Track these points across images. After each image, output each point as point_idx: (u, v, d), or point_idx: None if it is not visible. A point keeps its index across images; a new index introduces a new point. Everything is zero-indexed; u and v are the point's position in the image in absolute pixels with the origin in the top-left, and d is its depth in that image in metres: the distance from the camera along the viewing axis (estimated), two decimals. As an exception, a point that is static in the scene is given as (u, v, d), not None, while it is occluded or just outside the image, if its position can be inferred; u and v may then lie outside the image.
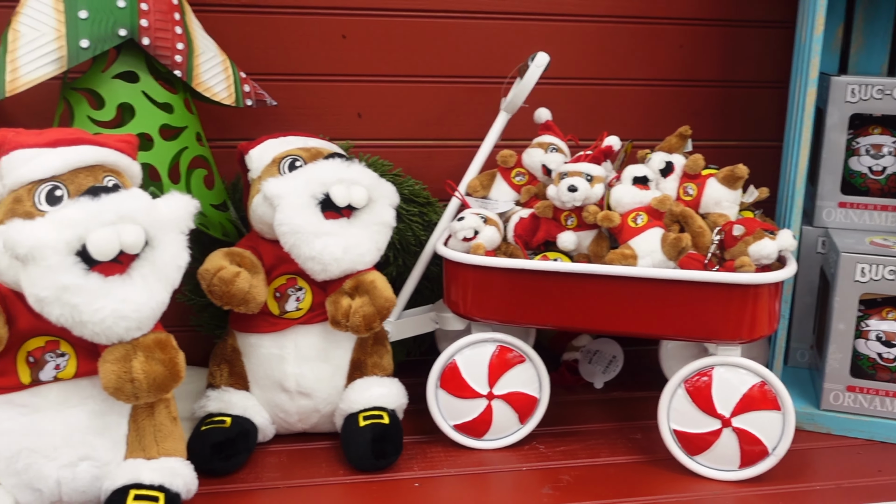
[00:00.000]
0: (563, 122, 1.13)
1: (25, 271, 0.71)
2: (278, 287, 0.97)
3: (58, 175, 0.77)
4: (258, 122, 1.17)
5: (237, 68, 1.04)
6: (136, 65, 0.96)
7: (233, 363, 0.99)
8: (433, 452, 0.99)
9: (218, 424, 0.93)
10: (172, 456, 0.83)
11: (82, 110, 0.95)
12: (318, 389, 0.97)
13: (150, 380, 0.75)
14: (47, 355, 0.78)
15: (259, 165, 0.98)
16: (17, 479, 0.78)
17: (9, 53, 0.89)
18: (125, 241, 0.73)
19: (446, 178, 1.18)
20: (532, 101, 1.06)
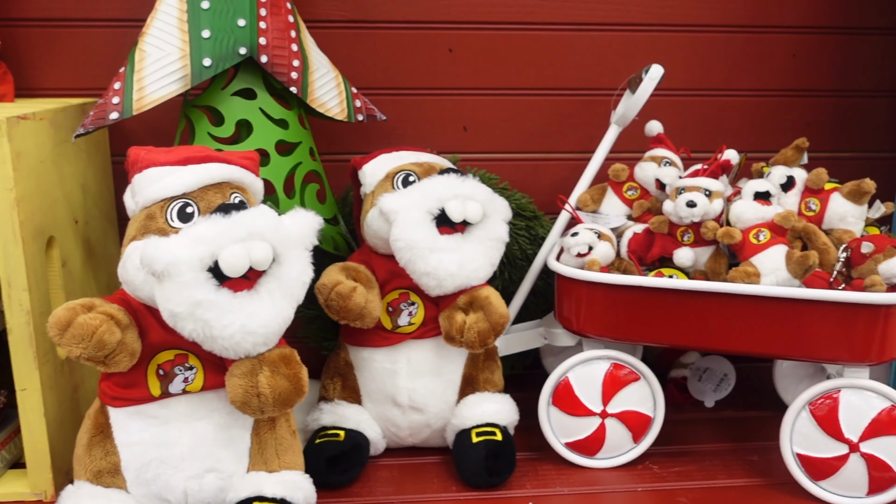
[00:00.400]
0: (671, 135, 1.10)
1: (160, 287, 0.72)
2: (391, 302, 0.97)
3: (188, 192, 0.79)
4: (364, 137, 1.18)
5: (349, 83, 1.05)
6: (253, 82, 0.97)
7: (346, 377, 0.99)
8: (544, 470, 0.98)
9: (332, 438, 0.94)
10: (292, 469, 0.84)
11: (203, 127, 0.97)
12: (430, 404, 0.97)
13: (275, 394, 0.76)
14: (176, 368, 0.80)
15: (372, 180, 0.98)
16: (146, 489, 0.80)
17: (136, 73, 0.92)
18: (254, 257, 0.74)
19: (552, 191, 1.17)
20: (639, 112, 1.04)
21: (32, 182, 0.87)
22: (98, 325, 0.74)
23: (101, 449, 0.80)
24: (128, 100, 0.91)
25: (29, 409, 0.88)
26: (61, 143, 0.96)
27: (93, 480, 0.80)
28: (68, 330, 0.73)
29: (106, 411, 0.82)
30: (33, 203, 0.87)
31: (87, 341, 0.73)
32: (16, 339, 0.86)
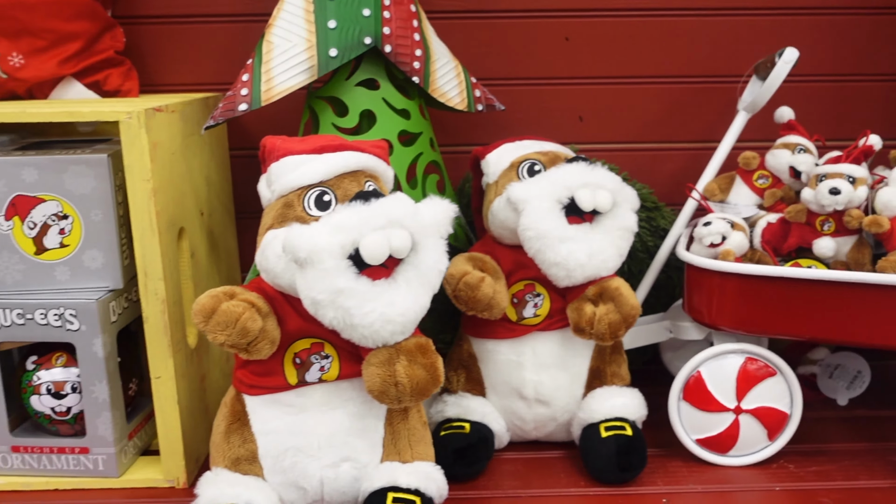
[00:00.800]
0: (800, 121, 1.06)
1: (302, 274, 0.72)
2: (516, 293, 0.95)
3: (325, 180, 0.79)
4: (477, 127, 1.17)
5: (468, 73, 1.04)
6: (376, 72, 0.97)
7: (470, 369, 0.98)
8: (674, 467, 0.95)
9: (457, 430, 0.93)
10: (425, 460, 0.84)
11: (327, 118, 0.97)
12: (556, 398, 0.95)
13: (413, 384, 0.75)
14: (312, 357, 0.80)
15: (496, 170, 0.97)
16: (282, 477, 0.80)
17: (263, 64, 0.92)
18: (394, 245, 0.73)
19: (672, 181, 1.14)
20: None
21: (166, 174, 0.89)
22: (241, 313, 0.74)
23: (238, 436, 0.81)
24: (256, 91, 0.92)
25: (163, 397, 0.90)
26: (189, 136, 0.97)
27: (231, 467, 0.81)
28: (213, 317, 0.74)
29: (242, 399, 0.82)
30: (167, 194, 0.89)
31: (231, 328, 0.74)
32: (151, 328, 0.88)
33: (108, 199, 0.88)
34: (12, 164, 0.87)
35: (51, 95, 1.05)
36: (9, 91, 1.02)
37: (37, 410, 0.92)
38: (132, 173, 0.84)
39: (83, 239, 0.89)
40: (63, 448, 0.92)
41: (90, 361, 0.89)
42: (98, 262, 0.90)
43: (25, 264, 0.89)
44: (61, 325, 0.88)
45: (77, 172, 0.87)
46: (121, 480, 0.92)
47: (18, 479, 0.93)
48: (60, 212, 0.88)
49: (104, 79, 1.06)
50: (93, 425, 0.91)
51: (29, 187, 0.87)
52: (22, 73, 1.01)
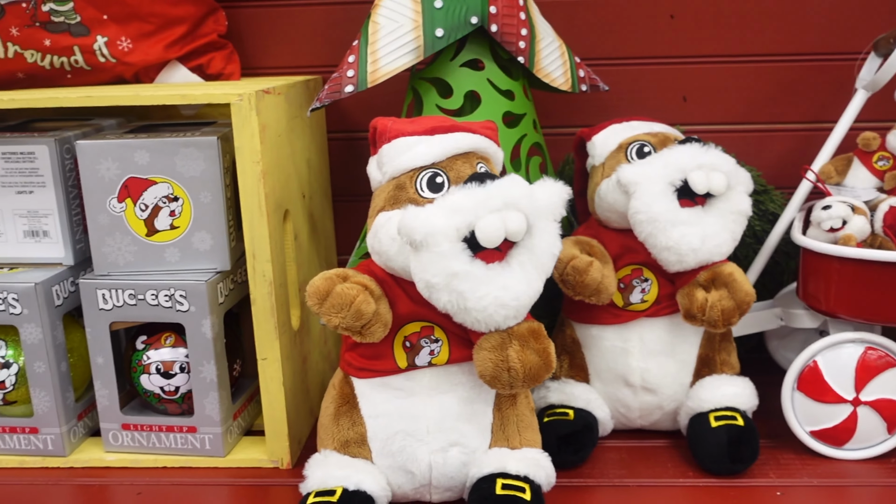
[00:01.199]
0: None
1: (417, 257, 0.72)
2: (623, 278, 0.93)
3: (437, 162, 0.78)
4: (577, 108, 1.15)
5: (572, 53, 1.02)
6: (481, 52, 0.96)
7: (573, 354, 0.96)
8: (786, 459, 0.91)
9: (561, 416, 0.92)
10: (533, 447, 0.82)
11: (431, 99, 0.96)
12: (663, 385, 0.93)
13: (525, 369, 0.74)
14: (422, 341, 0.79)
15: (603, 151, 0.95)
16: (391, 461, 0.80)
17: (370, 45, 0.92)
18: (510, 228, 0.72)
19: (781, 164, 1.10)
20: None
21: (273, 156, 0.89)
22: (355, 295, 0.74)
23: (347, 419, 0.81)
24: (362, 72, 0.91)
25: (269, 379, 0.90)
26: (293, 118, 0.97)
27: (340, 450, 0.81)
28: (327, 299, 0.74)
29: (350, 382, 0.82)
30: (274, 177, 0.89)
31: (345, 311, 0.73)
32: (259, 310, 0.88)
33: (217, 182, 0.89)
34: (126, 146, 0.88)
35: (156, 79, 1.06)
36: (117, 75, 1.04)
37: (146, 389, 0.93)
38: (242, 155, 0.85)
39: (192, 221, 0.90)
40: (172, 427, 0.93)
41: (199, 342, 0.90)
42: (207, 244, 0.91)
43: (137, 245, 0.91)
44: (171, 306, 0.89)
45: (187, 155, 0.88)
46: (226, 460, 0.94)
47: (128, 456, 0.95)
48: (171, 194, 0.89)
49: (207, 62, 1.07)
50: (200, 405, 0.92)
51: (141, 169, 0.88)
52: (130, 57, 1.02)
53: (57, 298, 0.93)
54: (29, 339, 0.91)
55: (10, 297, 0.90)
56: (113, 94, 0.88)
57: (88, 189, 0.89)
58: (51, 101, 0.87)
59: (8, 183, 0.93)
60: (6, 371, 0.94)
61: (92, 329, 0.91)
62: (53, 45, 1.00)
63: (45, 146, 0.91)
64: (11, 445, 0.95)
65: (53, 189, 0.93)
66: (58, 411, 0.93)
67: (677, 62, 1.13)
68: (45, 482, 0.92)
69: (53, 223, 0.94)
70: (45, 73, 1.02)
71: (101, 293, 0.90)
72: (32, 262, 0.95)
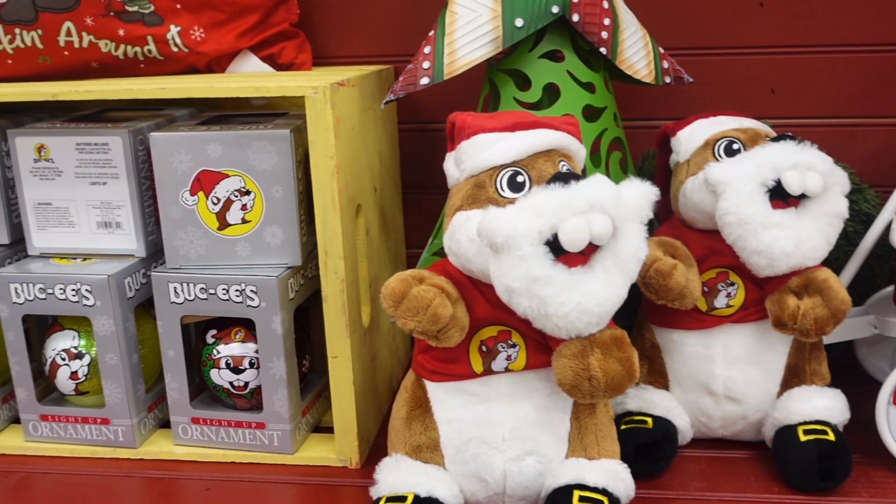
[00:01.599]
0: None
1: (497, 260, 0.69)
2: (707, 281, 0.89)
3: (518, 160, 0.74)
4: (658, 100, 1.10)
5: (656, 43, 0.97)
6: (561, 43, 0.92)
7: (653, 360, 0.93)
8: (879, 477, 0.86)
9: (639, 424, 0.88)
10: (611, 457, 0.79)
11: (508, 92, 0.93)
12: (748, 395, 0.88)
13: (607, 378, 0.71)
14: (499, 345, 0.77)
15: (688, 148, 0.90)
16: (464, 468, 0.78)
17: (447, 36, 0.89)
18: (595, 231, 0.68)
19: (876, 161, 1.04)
20: None
21: (346, 150, 0.87)
22: (432, 299, 0.71)
23: (420, 423, 0.79)
24: (438, 64, 0.88)
25: (339, 377, 0.89)
26: (366, 110, 0.95)
27: (411, 455, 0.79)
28: (403, 302, 0.71)
29: (423, 385, 0.80)
30: (347, 171, 0.87)
31: (421, 314, 0.71)
32: (330, 307, 0.87)
33: (289, 175, 0.87)
34: (199, 139, 0.87)
35: (228, 69, 1.05)
36: (189, 65, 1.03)
37: (216, 384, 0.93)
38: (316, 149, 0.83)
39: (264, 215, 0.88)
40: (240, 422, 0.93)
41: (269, 338, 0.89)
42: (278, 239, 0.89)
43: (208, 239, 0.90)
44: (242, 301, 0.88)
45: (260, 148, 0.86)
46: (295, 457, 0.92)
47: (197, 450, 0.94)
48: (243, 187, 0.88)
49: (279, 52, 1.05)
50: (269, 401, 0.91)
51: (214, 163, 0.87)
52: (202, 46, 1.01)
53: (129, 290, 0.93)
54: (101, 331, 0.91)
55: (84, 289, 0.90)
56: (187, 85, 0.87)
57: (161, 181, 0.88)
58: (125, 92, 0.86)
59: (82, 174, 0.93)
60: (79, 361, 0.94)
61: (163, 322, 0.91)
62: (127, 34, 0.99)
63: (118, 138, 0.91)
64: (84, 435, 0.96)
65: (126, 181, 0.92)
66: (129, 403, 0.93)
67: (766, 52, 1.07)
68: (115, 473, 0.92)
69: (126, 215, 0.93)
70: (118, 63, 1.02)
71: (173, 286, 0.89)
72: (105, 254, 0.95)
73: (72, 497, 0.88)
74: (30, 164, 0.93)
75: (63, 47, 0.99)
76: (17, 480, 0.92)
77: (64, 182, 0.93)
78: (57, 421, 0.96)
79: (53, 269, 0.92)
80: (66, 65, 1.01)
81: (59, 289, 0.91)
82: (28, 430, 0.97)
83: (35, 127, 0.94)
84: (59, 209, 0.94)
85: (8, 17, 0.98)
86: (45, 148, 0.92)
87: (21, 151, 0.93)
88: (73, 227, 0.95)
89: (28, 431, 0.97)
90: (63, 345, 0.94)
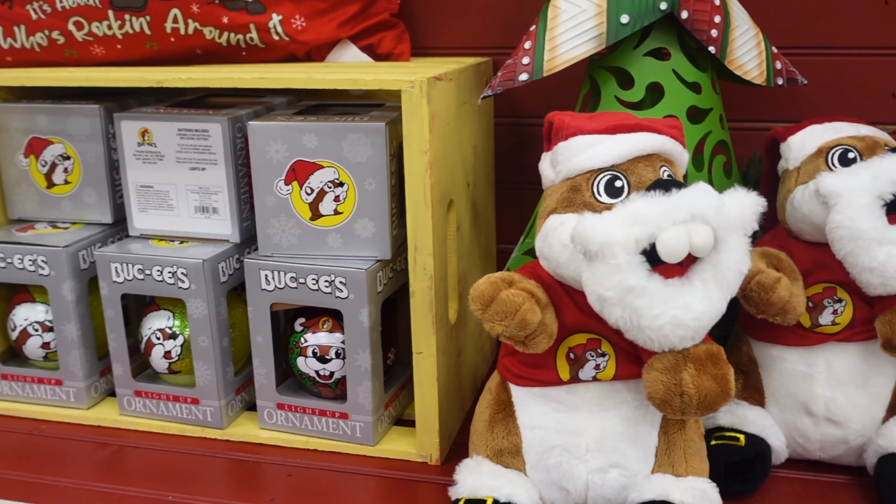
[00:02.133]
0: None
1: (590, 268, 0.66)
2: (812, 296, 0.84)
3: (617, 164, 0.72)
4: (766, 102, 1.05)
5: (769, 42, 0.92)
6: (668, 41, 0.88)
7: (748, 374, 0.89)
8: None
9: (731, 441, 0.84)
10: (699, 476, 0.76)
11: (609, 90, 0.90)
12: (850, 418, 0.84)
13: (700, 395, 0.68)
14: (588, 353, 0.74)
15: (799, 155, 0.85)
16: (545, 476, 0.76)
17: (548, 31, 0.86)
18: (695, 242, 0.65)
19: None
20: None
21: (440, 144, 0.86)
22: (521, 303, 0.69)
23: (503, 427, 0.78)
24: (538, 60, 0.86)
25: (423, 373, 0.88)
26: (462, 105, 0.94)
27: (493, 458, 0.78)
28: (491, 306, 0.70)
29: (508, 388, 0.78)
30: (440, 166, 0.86)
31: (509, 319, 0.69)
32: (417, 303, 0.86)
33: (382, 168, 0.87)
34: (296, 129, 0.87)
35: (327, 58, 1.05)
36: (289, 54, 1.04)
37: (302, 371, 0.94)
38: (410, 144, 0.82)
39: (356, 207, 0.88)
40: (324, 411, 0.93)
41: (355, 330, 0.89)
42: (369, 232, 0.89)
43: (301, 229, 0.90)
44: (331, 292, 0.89)
45: (355, 140, 0.86)
46: (376, 449, 0.93)
47: (281, 435, 0.95)
48: (337, 179, 0.88)
49: (378, 42, 1.05)
50: (353, 392, 0.91)
51: (309, 153, 0.87)
52: (303, 35, 1.02)
53: (222, 275, 0.94)
54: (195, 314, 0.93)
55: (180, 272, 0.92)
56: (286, 75, 0.87)
57: (257, 170, 0.89)
58: (226, 81, 0.87)
59: (182, 159, 0.94)
60: (172, 342, 0.96)
61: (254, 308, 0.92)
62: (231, 22, 1.00)
63: (218, 125, 0.92)
64: (174, 413, 0.98)
65: (224, 167, 0.94)
66: (218, 385, 0.95)
67: (888, 53, 1.00)
68: (202, 453, 0.95)
69: (223, 200, 0.95)
70: (221, 50, 1.03)
71: (265, 274, 0.90)
72: (201, 238, 0.97)
73: (160, 473, 0.91)
74: (134, 148, 0.96)
75: (169, 34, 1.01)
76: (111, 452, 0.95)
77: (165, 166, 0.95)
78: (150, 397, 0.99)
79: (152, 250, 0.95)
80: (172, 51, 1.03)
81: (156, 270, 0.93)
82: (123, 405, 1.00)
83: (140, 111, 0.96)
84: (160, 192, 0.97)
85: (118, 3, 1.01)
86: (148, 132, 0.95)
87: (126, 135, 0.96)
88: (172, 211, 0.97)
89: (123, 405, 1.00)
90: (158, 324, 0.97)
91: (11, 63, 1.06)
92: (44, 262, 0.97)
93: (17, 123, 1.02)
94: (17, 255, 0.98)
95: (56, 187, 1.03)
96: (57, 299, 0.98)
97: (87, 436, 0.99)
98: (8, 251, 0.98)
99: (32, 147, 1.02)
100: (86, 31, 1.01)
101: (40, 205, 1.04)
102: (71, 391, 1.02)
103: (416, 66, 0.97)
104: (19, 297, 1.03)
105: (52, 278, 0.98)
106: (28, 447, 0.97)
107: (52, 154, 1.02)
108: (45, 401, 1.03)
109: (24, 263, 0.98)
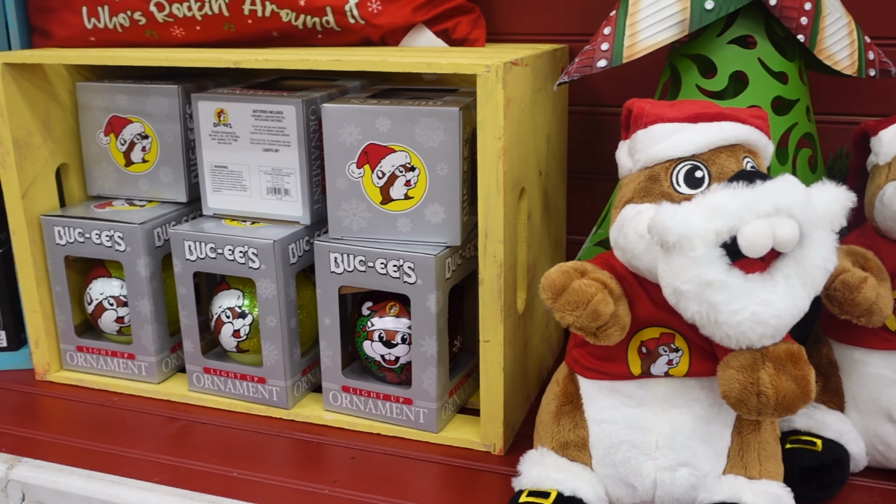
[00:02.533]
0: None
1: (667, 260, 0.64)
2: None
3: (698, 154, 0.70)
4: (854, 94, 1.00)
5: (861, 31, 0.88)
6: (754, 28, 0.85)
7: (828, 377, 0.85)
8: None
9: (808, 446, 0.81)
10: (773, 479, 0.74)
11: (690, 78, 0.87)
12: (936, 427, 0.80)
13: (779, 396, 0.65)
14: (661, 348, 0.72)
15: (891, 149, 0.81)
16: (612, 471, 0.75)
17: (629, 17, 0.84)
18: (779, 236, 0.63)
19: None
20: None
21: (514, 131, 0.84)
22: (594, 294, 0.68)
23: (569, 420, 0.76)
24: (618, 46, 0.84)
25: (489, 362, 0.87)
26: (537, 91, 0.92)
27: (558, 451, 0.76)
28: (563, 295, 0.68)
29: (576, 380, 0.77)
30: (513, 153, 0.84)
31: (581, 309, 0.68)
32: (486, 291, 0.85)
33: (455, 154, 0.86)
34: (368, 112, 0.87)
35: (401, 42, 1.04)
36: (364, 37, 1.03)
37: (367, 355, 0.94)
38: (484, 130, 0.81)
39: (427, 192, 0.88)
40: (389, 396, 0.93)
41: (422, 316, 0.88)
42: (439, 217, 0.88)
43: (371, 213, 0.90)
44: (399, 277, 0.88)
45: (428, 125, 0.85)
46: (439, 436, 0.92)
47: (345, 418, 0.96)
48: (408, 163, 0.87)
49: (453, 27, 1.04)
50: (418, 378, 0.91)
51: (381, 136, 0.87)
52: (378, 19, 1.01)
53: (292, 256, 0.95)
54: (264, 294, 0.94)
55: (251, 252, 0.93)
56: (360, 58, 0.87)
57: (330, 152, 0.89)
58: (302, 63, 0.87)
59: (256, 140, 0.95)
60: (241, 321, 0.97)
61: (322, 290, 0.92)
62: (307, 5, 1.00)
63: (292, 107, 0.92)
64: (241, 391, 0.99)
65: (297, 149, 0.94)
66: (284, 365, 0.96)
67: None
68: (267, 431, 0.95)
69: (295, 182, 0.95)
70: (297, 33, 1.03)
71: (334, 256, 0.90)
72: (272, 219, 0.98)
73: (226, 450, 0.92)
74: (210, 128, 0.97)
75: (247, 16, 1.02)
76: (179, 427, 0.97)
77: (239, 147, 0.96)
78: (218, 375, 1.00)
79: (224, 230, 0.96)
80: (249, 33, 1.04)
81: (227, 250, 0.94)
82: (192, 381, 1.02)
83: (216, 92, 0.97)
84: (234, 173, 0.98)
85: (199, -16, 1.02)
86: (224, 113, 0.96)
87: (203, 115, 0.97)
88: (245, 191, 0.98)
89: (192, 382, 1.02)
90: (228, 303, 0.98)
91: (94, 43, 1.08)
92: (120, 238, 0.99)
93: (99, 102, 1.04)
94: (94, 230, 1.00)
95: (134, 165, 1.05)
96: (132, 275, 1.00)
97: (157, 409, 1.01)
98: (86, 226, 1.01)
99: (112, 126, 1.04)
100: (166, 12, 1.03)
101: (118, 182, 1.06)
102: (143, 365, 1.04)
103: (492, 52, 0.95)
104: (96, 272, 1.05)
105: (128, 254, 0.99)
106: (100, 418, 0.99)
107: (132, 133, 1.04)
108: (117, 374, 1.06)
109: (101, 239, 1.00)
